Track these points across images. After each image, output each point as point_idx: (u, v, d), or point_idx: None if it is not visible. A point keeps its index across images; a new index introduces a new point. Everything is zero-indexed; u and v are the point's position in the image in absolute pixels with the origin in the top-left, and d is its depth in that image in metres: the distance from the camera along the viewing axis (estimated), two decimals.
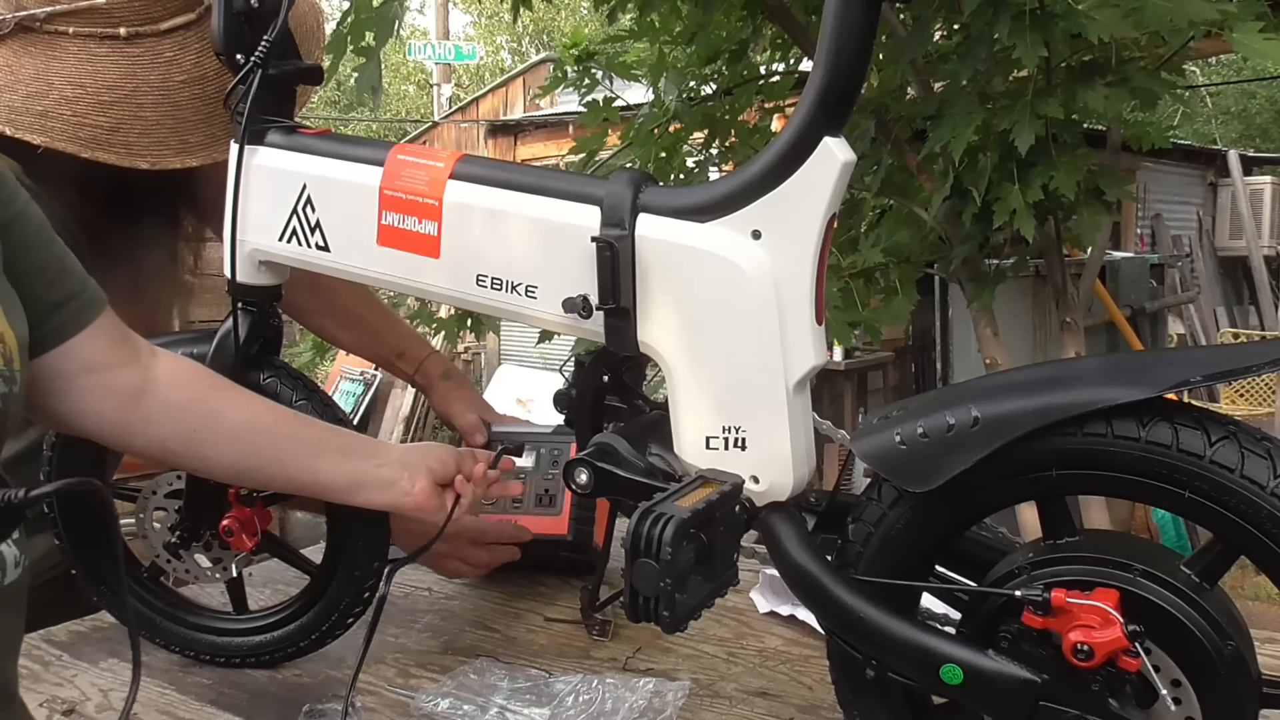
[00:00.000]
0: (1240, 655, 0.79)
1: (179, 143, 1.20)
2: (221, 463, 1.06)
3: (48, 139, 1.14)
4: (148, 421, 1.00)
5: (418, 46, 15.52)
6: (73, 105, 1.15)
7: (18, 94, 1.14)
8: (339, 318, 1.59)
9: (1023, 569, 0.85)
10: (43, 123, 1.14)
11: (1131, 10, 1.97)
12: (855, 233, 3.07)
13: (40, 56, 1.15)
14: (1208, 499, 0.77)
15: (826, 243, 0.90)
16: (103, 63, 1.15)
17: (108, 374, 0.96)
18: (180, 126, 1.20)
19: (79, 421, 0.98)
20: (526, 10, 2.81)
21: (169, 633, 1.26)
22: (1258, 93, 16.05)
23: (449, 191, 1.01)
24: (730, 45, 2.98)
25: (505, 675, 1.20)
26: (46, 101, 1.14)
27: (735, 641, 1.32)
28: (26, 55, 1.15)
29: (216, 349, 1.15)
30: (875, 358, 6.37)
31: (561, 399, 1.16)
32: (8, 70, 1.15)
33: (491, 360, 9.14)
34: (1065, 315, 2.94)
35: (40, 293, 0.89)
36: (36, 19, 1.15)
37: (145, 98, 1.19)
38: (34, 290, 0.88)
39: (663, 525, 0.84)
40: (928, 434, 0.83)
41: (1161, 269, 8.17)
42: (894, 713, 0.93)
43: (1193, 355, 1.04)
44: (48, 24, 1.15)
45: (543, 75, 9.92)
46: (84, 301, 0.94)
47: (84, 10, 1.15)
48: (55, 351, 0.92)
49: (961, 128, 2.28)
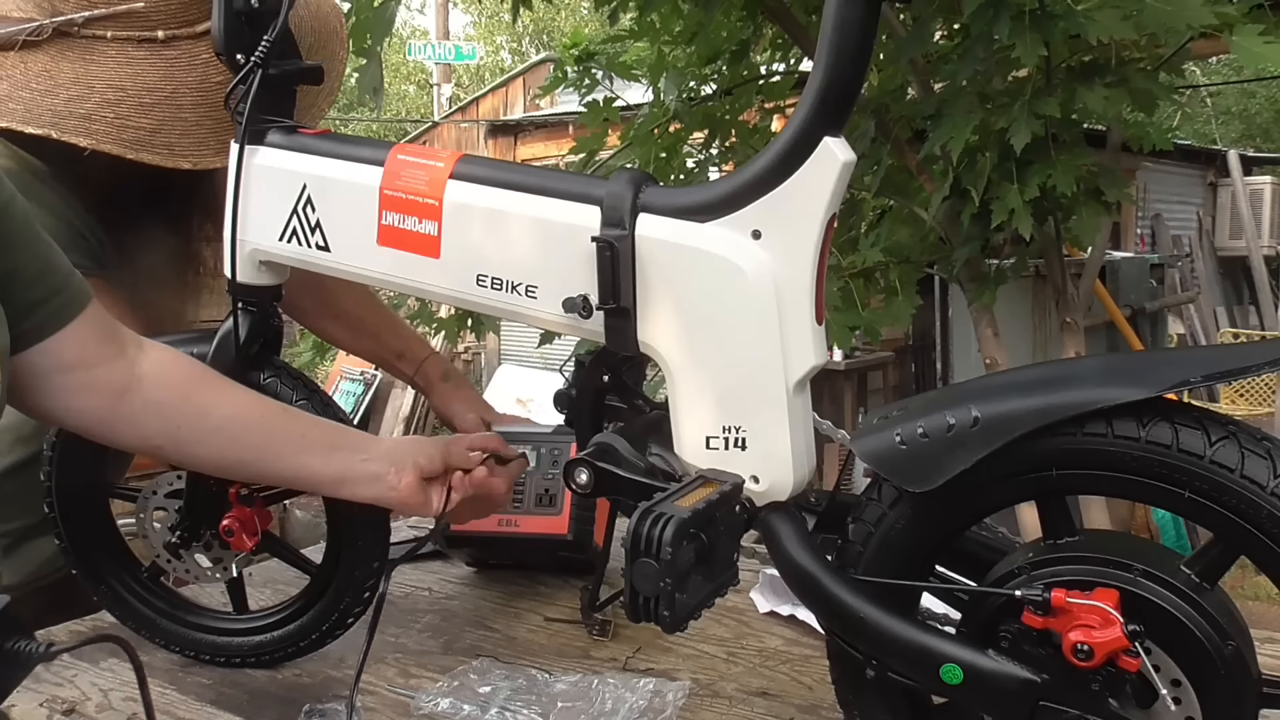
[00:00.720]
0: (1240, 655, 0.79)
1: (218, 142, 1.20)
2: (208, 458, 1.06)
3: (93, 141, 1.15)
4: (133, 419, 0.99)
5: (418, 46, 15.53)
6: (114, 108, 1.16)
7: (59, 98, 1.15)
8: (339, 319, 1.59)
9: (1023, 569, 0.85)
10: (87, 125, 1.15)
11: (1130, 12, 1.98)
12: (855, 233, 3.07)
13: (78, 61, 1.16)
14: (1208, 499, 0.77)
15: (826, 243, 0.90)
16: (141, 65, 1.16)
17: (89, 372, 0.96)
18: (219, 127, 1.20)
19: (62, 417, 0.98)
20: (526, 10, 2.81)
21: (169, 633, 1.26)
22: (1258, 92, 16.05)
23: (449, 191, 1.01)
24: (730, 45, 2.98)
25: (505, 675, 1.20)
26: (89, 105, 1.15)
27: (735, 641, 1.32)
28: (64, 60, 1.16)
29: (216, 349, 1.15)
30: (875, 358, 6.37)
31: (561, 399, 1.16)
32: (46, 75, 1.15)
33: (491, 360, 9.14)
34: (1065, 315, 2.94)
35: (20, 291, 0.89)
36: (74, 24, 1.16)
37: (184, 99, 1.20)
38: (13, 289, 0.88)
39: (663, 525, 0.84)
40: (928, 434, 0.83)
41: (1161, 269, 8.16)
42: (894, 713, 0.93)
43: (1193, 355, 1.04)
44: (85, 28, 1.16)
45: (543, 75, 9.92)
46: (65, 300, 0.94)
47: (122, 14, 1.15)
48: (35, 349, 0.92)
49: (960, 127, 2.28)
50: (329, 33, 1.32)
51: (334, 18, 1.35)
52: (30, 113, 1.14)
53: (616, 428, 1.07)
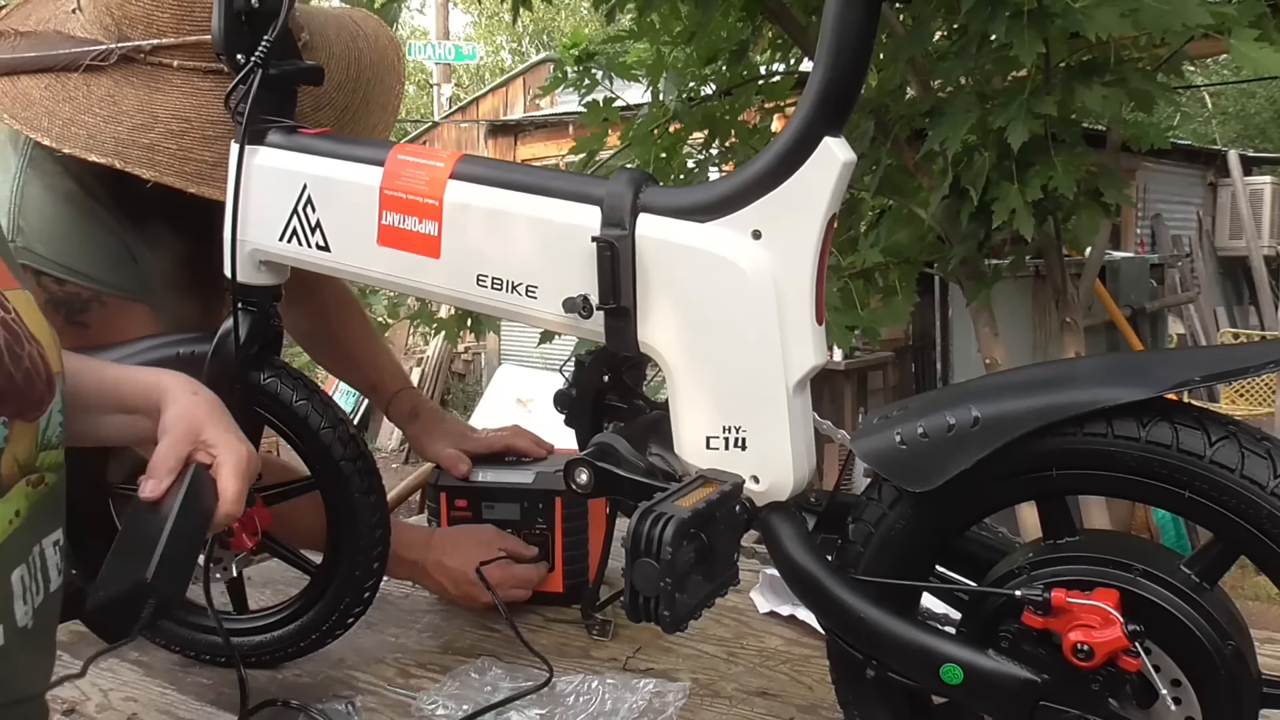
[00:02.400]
0: (1240, 655, 0.79)
1: None
2: None
3: (156, 174, 1.13)
4: None
5: (418, 46, 15.51)
6: (179, 139, 1.15)
7: (123, 126, 1.14)
8: (323, 340, 1.59)
9: (1023, 569, 0.85)
10: (150, 156, 1.14)
11: (1129, 11, 1.98)
12: (855, 233, 3.07)
13: (143, 88, 1.15)
14: (1208, 499, 0.77)
15: (826, 243, 0.90)
16: (207, 97, 1.15)
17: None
18: None
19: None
20: (526, 10, 2.81)
21: (169, 633, 1.26)
22: (1257, 92, 16.04)
23: (449, 191, 1.01)
24: (730, 45, 2.98)
25: (505, 675, 1.20)
26: (152, 135, 1.14)
27: (735, 641, 1.32)
28: (129, 85, 1.15)
29: (216, 349, 1.14)
30: (875, 358, 6.37)
31: (561, 399, 1.16)
32: (110, 101, 1.14)
33: (491, 360, 9.14)
34: (1065, 315, 2.94)
35: None
36: (141, 50, 1.14)
37: None
38: None
39: (663, 525, 0.84)
40: (928, 434, 0.83)
41: (1161, 269, 8.16)
42: (894, 713, 0.93)
43: (1193, 355, 1.04)
44: (152, 55, 1.15)
45: (543, 75, 9.92)
46: None
47: (190, 45, 1.14)
48: None
49: (958, 126, 2.28)
50: (386, 66, 1.31)
51: (392, 51, 1.34)
52: (94, 139, 1.13)
53: (616, 428, 1.07)
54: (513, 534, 1.40)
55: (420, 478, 2.87)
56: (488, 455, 1.47)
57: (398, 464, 8.25)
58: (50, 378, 0.78)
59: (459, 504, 1.41)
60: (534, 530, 1.40)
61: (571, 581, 1.41)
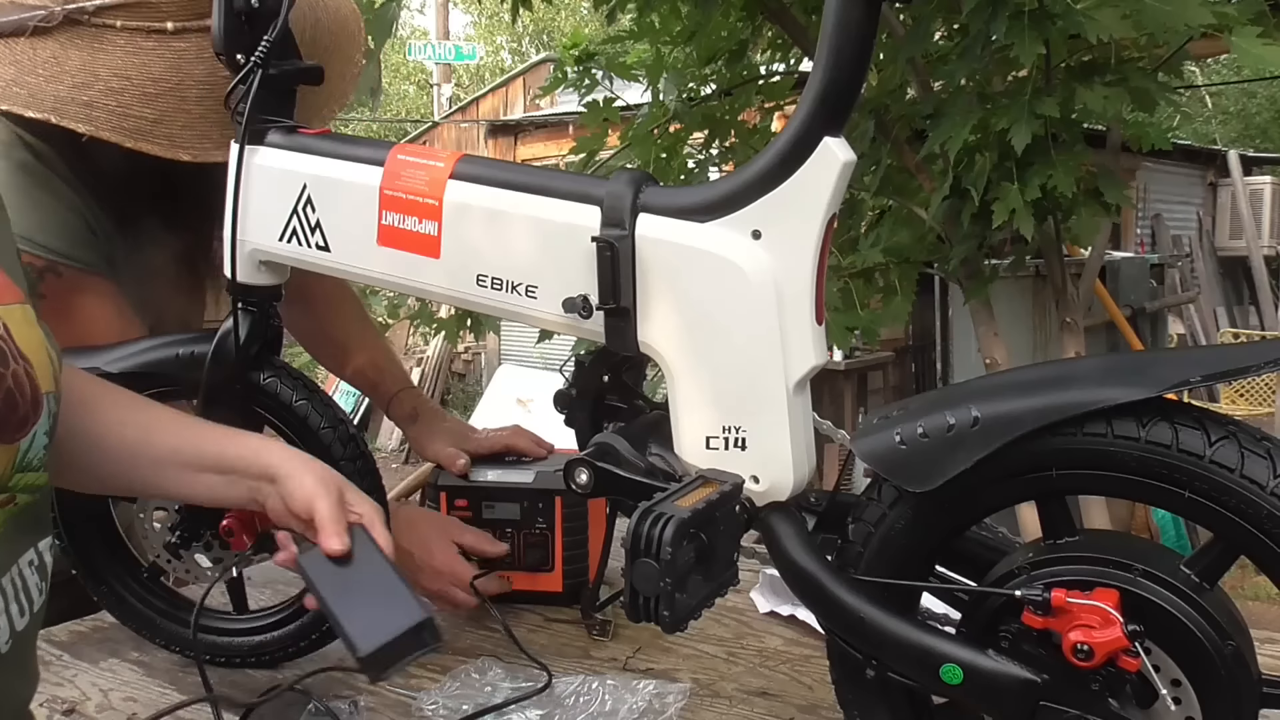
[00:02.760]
0: (1240, 655, 0.79)
1: (221, 136, 1.20)
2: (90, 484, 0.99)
3: (92, 128, 1.15)
4: None
5: (418, 46, 15.54)
6: (118, 96, 1.16)
7: (64, 84, 1.15)
8: (323, 339, 1.59)
9: (1023, 569, 0.85)
10: (88, 112, 1.15)
11: (1130, 11, 1.98)
12: (855, 233, 3.07)
13: (86, 49, 1.16)
14: (1208, 499, 0.77)
15: (826, 243, 0.90)
16: (149, 56, 1.16)
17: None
18: (223, 121, 1.20)
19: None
20: (526, 10, 2.82)
21: (169, 633, 1.26)
22: (1257, 92, 16.05)
23: (449, 191, 1.01)
24: (730, 45, 2.98)
25: (505, 675, 1.20)
26: (92, 92, 1.15)
27: (735, 641, 1.32)
28: (73, 47, 1.16)
29: (216, 349, 1.15)
30: (875, 358, 6.37)
31: (561, 399, 1.16)
32: (54, 62, 1.16)
33: (491, 360, 9.15)
34: (1065, 315, 2.94)
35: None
36: (85, 12, 1.16)
37: (190, 91, 1.20)
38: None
39: (663, 525, 0.84)
40: (928, 434, 0.83)
41: (1161, 269, 8.17)
42: (894, 713, 0.93)
43: (1193, 355, 1.04)
44: (96, 17, 1.16)
45: (543, 75, 9.92)
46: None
47: (132, 4, 1.15)
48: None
49: (959, 127, 2.29)
50: (347, 36, 1.31)
51: (353, 21, 1.34)
52: (33, 97, 1.14)
53: (616, 428, 1.07)
54: (513, 534, 1.40)
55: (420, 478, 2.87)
56: (488, 455, 1.47)
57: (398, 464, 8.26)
58: (38, 398, 0.75)
59: (459, 504, 1.41)
60: (534, 530, 1.40)
61: (571, 581, 1.41)
